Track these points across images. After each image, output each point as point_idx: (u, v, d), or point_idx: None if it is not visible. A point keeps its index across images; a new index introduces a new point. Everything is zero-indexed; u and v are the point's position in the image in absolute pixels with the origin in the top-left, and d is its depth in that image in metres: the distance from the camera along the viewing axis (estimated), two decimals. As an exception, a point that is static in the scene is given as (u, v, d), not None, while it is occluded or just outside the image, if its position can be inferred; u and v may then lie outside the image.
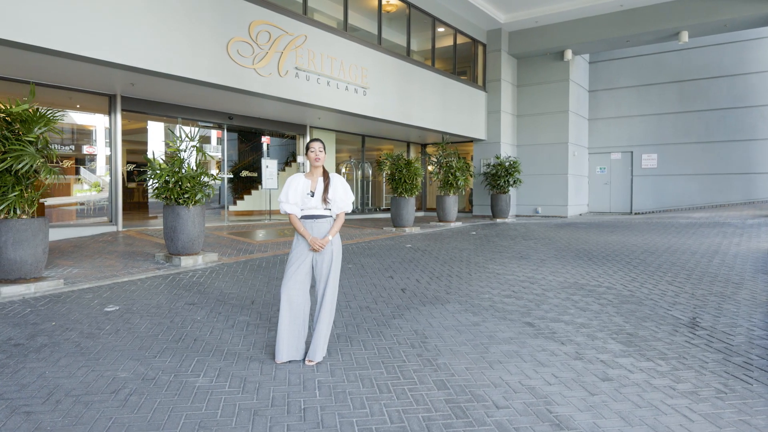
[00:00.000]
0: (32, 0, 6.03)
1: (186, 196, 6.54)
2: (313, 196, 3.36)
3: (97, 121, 9.61)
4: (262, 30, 8.74)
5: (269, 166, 11.94)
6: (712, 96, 15.46)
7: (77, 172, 9.52)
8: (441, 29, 14.39)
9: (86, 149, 9.62)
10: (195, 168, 6.65)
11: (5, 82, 7.81)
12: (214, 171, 12.36)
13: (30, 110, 5.27)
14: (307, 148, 3.44)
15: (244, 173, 12.91)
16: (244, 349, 3.66)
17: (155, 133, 11.99)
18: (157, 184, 6.50)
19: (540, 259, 7.49)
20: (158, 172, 6.41)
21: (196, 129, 6.85)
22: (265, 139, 12.85)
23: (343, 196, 3.42)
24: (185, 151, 6.65)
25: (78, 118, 9.62)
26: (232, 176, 12.39)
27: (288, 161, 14.10)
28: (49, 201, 8.97)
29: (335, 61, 10.30)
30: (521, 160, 16.05)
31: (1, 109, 5.21)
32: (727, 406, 2.78)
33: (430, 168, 14.52)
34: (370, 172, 16.05)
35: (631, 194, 16.82)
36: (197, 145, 6.65)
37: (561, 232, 11.08)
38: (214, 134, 12.75)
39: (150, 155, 6.72)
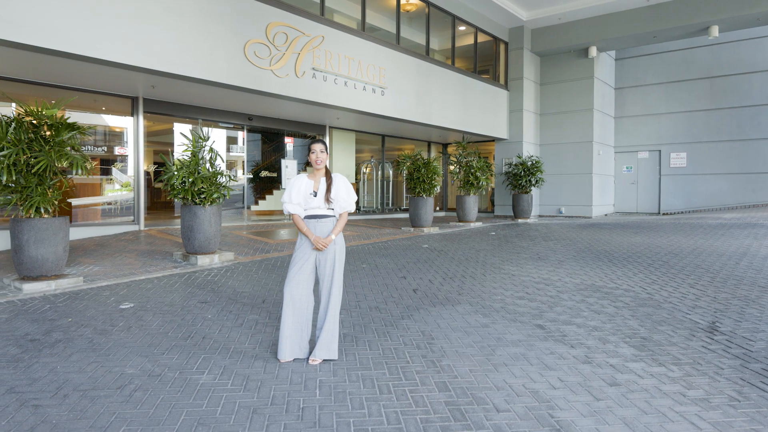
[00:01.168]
0: (57, 7, 6.23)
1: (202, 196, 6.64)
2: (315, 196, 3.37)
3: (125, 123, 9.84)
4: (280, 31, 8.83)
5: (289, 167, 12.05)
6: (745, 92, 14.91)
7: (106, 173, 9.77)
8: (461, 28, 14.28)
9: (113, 150, 9.86)
10: (210, 169, 6.75)
11: (34, 86, 8.08)
12: (239, 172, 12.52)
13: (58, 115, 5.44)
14: (309, 149, 3.45)
15: (265, 174, 13.04)
16: (250, 348, 3.69)
17: (189, 134, 12.20)
18: (174, 183, 6.61)
19: (558, 261, 7.35)
20: (174, 173, 6.53)
21: (208, 129, 6.94)
22: (286, 140, 12.97)
23: (345, 195, 3.42)
24: (200, 151, 6.76)
25: (101, 119, 9.88)
26: (252, 176, 12.54)
27: (309, 161, 14.20)
28: (76, 201, 9.24)
29: (353, 62, 10.32)
30: (544, 159, 15.80)
31: (29, 111, 5.38)
32: (740, 414, 2.66)
33: (451, 168, 14.43)
34: (391, 172, 16.04)
35: (659, 194, 16.37)
36: (211, 146, 6.75)
37: (583, 232, 10.85)
38: (239, 135, 12.92)
39: (164, 156, 6.85)
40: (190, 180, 6.61)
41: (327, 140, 13.21)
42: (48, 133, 5.31)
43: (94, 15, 6.59)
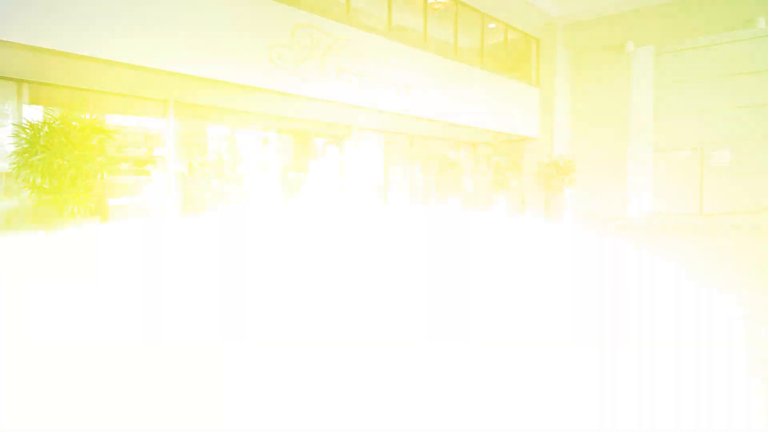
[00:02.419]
0: (85, 15, 6.47)
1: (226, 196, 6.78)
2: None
3: (159, 126, 10.09)
4: (304, 33, 8.91)
5: (316, 168, 12.15)
6: (796, 87, 14.11)
7: (144, 174, 10.05)
8: (491, 25, 14.06)
9: (153, 151, 10.12)
10: (235, 171, 6.88)
11: (68, 90, 8.41)
12: (269, 172, 12.68)
13: (86, 119, 5.65)
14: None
15: (293, 175, 13.19)
16: (260, 349, 3.71)
17: (217, 136, 12.43)
18: (199, 183, 6.77)
19: (585, 264, 7.12)
20: (199, 172, 6.69)
21: (221, 129, 7.07)
22: (312, 141, 13.07)
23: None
24: (226, 153, 6.90)
25: (139, 122, 10.19)
26: (280, 177, 12.69)
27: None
28: (112, 201, 9.56)
29: (378, 62, 10.31)
30: (577, 158, 15.38)
31: (58, 117, 5.61)
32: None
33: (480, 168, 14.26)
34: (419, 172, 15.94)
35: (701, 194, 15.68)
36: (235, 148, 6.88)
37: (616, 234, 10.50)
38: (267, 137, 13.10)
39: (192, 159, 7.02)
40: (215, 180, 6.75)
41: (354, 141, 13.26)
42: (77, 137, 5.52)
43: (123, 22, 6.81)
